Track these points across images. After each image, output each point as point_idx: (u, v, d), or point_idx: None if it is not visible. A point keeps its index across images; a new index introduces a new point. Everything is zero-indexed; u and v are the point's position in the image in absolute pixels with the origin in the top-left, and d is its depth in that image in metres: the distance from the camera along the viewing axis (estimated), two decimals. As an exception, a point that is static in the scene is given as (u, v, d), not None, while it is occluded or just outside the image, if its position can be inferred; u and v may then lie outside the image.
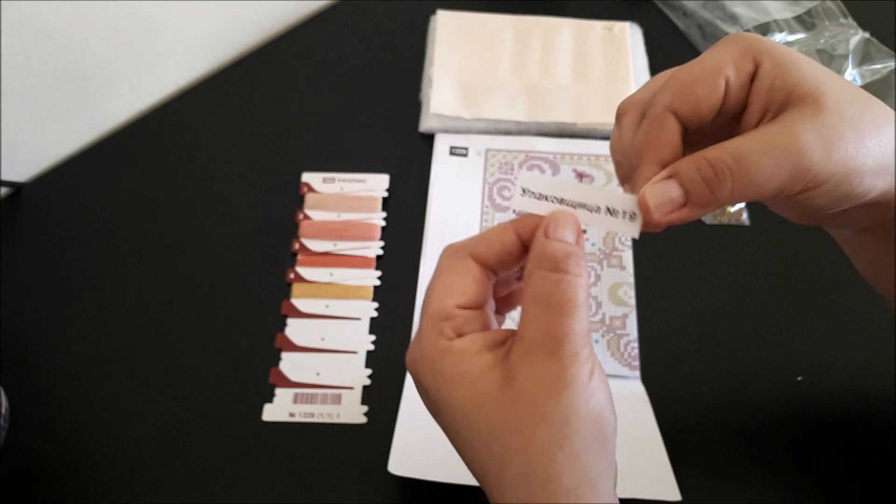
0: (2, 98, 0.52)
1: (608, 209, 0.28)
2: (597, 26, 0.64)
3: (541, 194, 0.29)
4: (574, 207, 0.29)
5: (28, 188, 0.58)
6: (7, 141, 0.55)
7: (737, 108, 0.29)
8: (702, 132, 0.29)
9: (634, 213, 0.28)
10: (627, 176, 0.31)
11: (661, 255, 0.53)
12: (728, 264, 0.52)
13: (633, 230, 0.29)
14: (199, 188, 0.57)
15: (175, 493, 0.44)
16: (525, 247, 0.29)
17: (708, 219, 0.54)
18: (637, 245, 0.53)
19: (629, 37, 0.63)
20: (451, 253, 0.29)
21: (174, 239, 0.55)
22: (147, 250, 0.54)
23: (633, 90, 0.59)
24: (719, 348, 0.49)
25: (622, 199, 0.29)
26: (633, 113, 0.31)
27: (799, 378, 0.47)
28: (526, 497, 0.25)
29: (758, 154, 0.26)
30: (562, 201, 0.29)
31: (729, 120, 0.29)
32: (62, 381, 0.49)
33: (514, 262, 0.29)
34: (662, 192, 0.28)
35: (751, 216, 0.54)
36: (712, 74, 0.28)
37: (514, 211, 0.30)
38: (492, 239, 0.29)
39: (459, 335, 0.27)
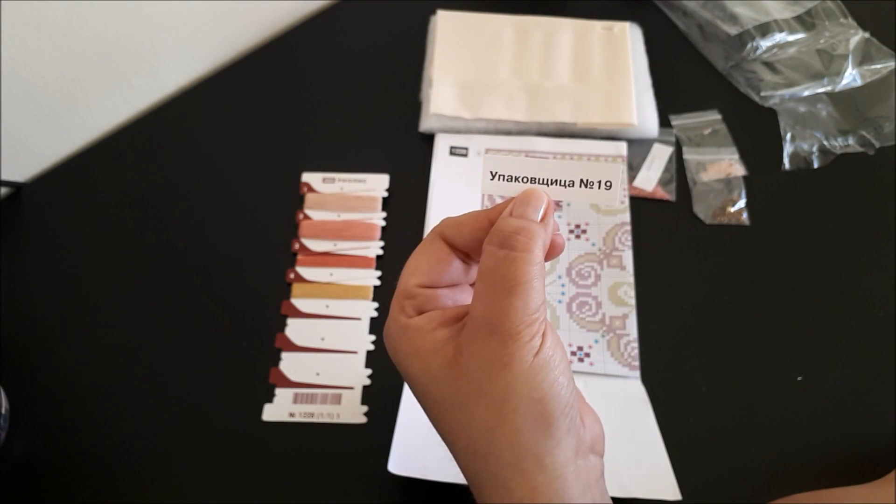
0: (2, 98, 0.52)
1: (583, 182, 0.28)
2: (597, 26, 0.64)
3: (511, 176, 0.28)
4: (547, 185, 0.28)
5: (28, 188, 0.58)
6: (7, 141, 0.55)
7: None
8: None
9: (610, 182, 0.28)
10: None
11: (661, 255, 0.53)
12: (728, 264, 0.52)
13: (611, 198, 0.28)
14: (199, 188, 0.57)
15: (175, 493, 0.44)
16: None
17: (708, 219, 0.54)
18: (637, 245, 0.53)
19: (629, 37, 0.63)
20: (430, 231, 0.30)
21: (174, 239, 0.55)
22: (147, 250, 0.54)
23: (633, 90, 0.59)
24: (719, 348, 0.49)
25: (595, 169, 0.28)
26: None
27: (799, 378, 0.47)
28: (473, 468, 0.26)
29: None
30: (533, 180, 0.28)
31: None
32: (62, 381, 0.49)
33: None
34: None
35: (751, 216, 0.54)
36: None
37: (484, 195, 0.29)
38: (463, 224, 0.29)
39: (420, 313, 0.28)
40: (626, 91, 0.59)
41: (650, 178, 0.56)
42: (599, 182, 0.28)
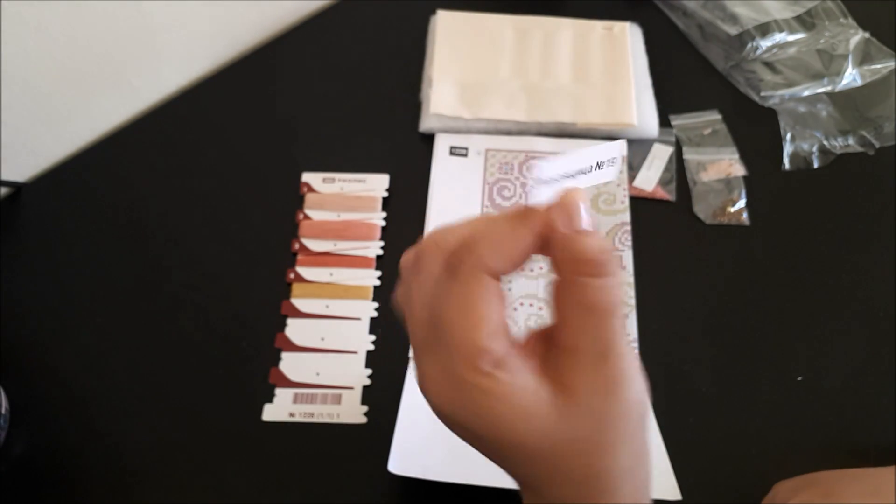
0: (2, 98, 0.52)
1: (598, 164, 0.28)
2: (597, 26, 0.64)
3: (551, 178, 0.27)
4: (574, 177, 0.27)
5: (28, 188, 0.58)
6: (7, 141, 0.55)
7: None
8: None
9: (614, 159, 0.28)
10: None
11: (661, 255, 0.53)
12: (728, 264, 0.52)
13: (614, 174, 0.28)
14: (199, 188, 0.57)
15: (175, 493, 0.44)
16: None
17: (708, 219, 0.54)
18: (637, 245, 0.53)
19: (629, 37, 0.63)
20: (461, 270, 0.25)
21: (174, 239, 0.55)
22: (147, 250, 0.54)
23: (633, 90, 0.59)
24: (719, 348, 0.49)
25: (604, 149, 0.28)
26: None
27: (799, 378, 0.47)
28: (586, 479, 0.25)
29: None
30: (567, 177, 0.28)
31: None
32: (62, 381, 0.49)
33: (530, 258, 0.26)
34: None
35: (751, 216, 0.54)
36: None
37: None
38: (505, 249, 0.25)
39: (497, 366, 0.25)
40: (625, 91, 0.59)
41: (650, 178, 0.56)
42: (608, 161, 0.28)
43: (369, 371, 0.48)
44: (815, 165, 0.57)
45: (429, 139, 0.59)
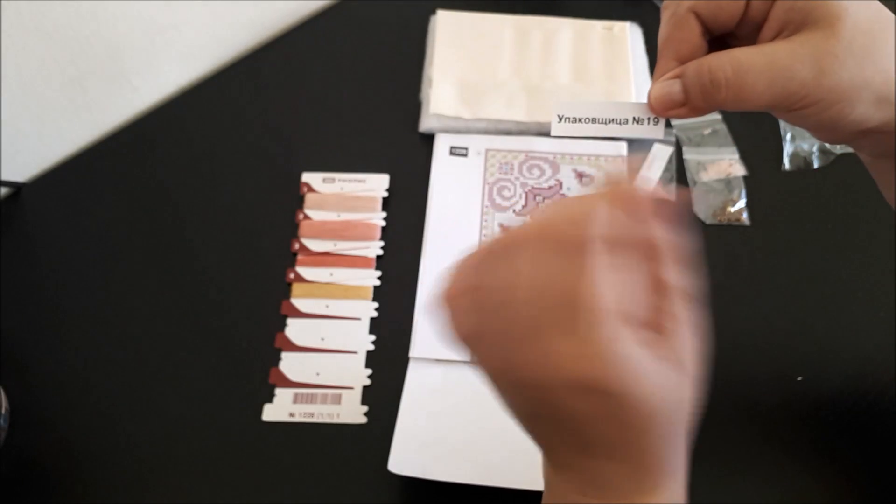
0: (2, 98, 0.52)
1: (635, 119, 0.31)
2: (597, 26, 0.64)
3: (575, 118, 0.31)
4: (605, 124, 0.31)
5: (28, 188, 0.58)
6: (7, 141, 0.55)
7: (760, 19, 0.30)
8: (730, 36, 0.31)
9: (658, 118, 0.31)
10: None
11: (661, 255, 0.53)
12: (728, 264, 0.52)
13: (658, 132, 0.32)
14: (199, 188, 0.57)
15: (175, 493, 0.44)
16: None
17: (708, 219, 0.54)
18: (637, 245, 0.53)
19: (629, 37, 0.63)
20: (588, 247, 0.25)
21: (174, 239, 0.55)
22: (147, 250, 0.54)
23: (633, 90, 0.59)
24: (719, 348, 0.49)
25: (643, 108, 0.31)
26: (672, 9, 0.32)
27: (799, 378, 0.47)
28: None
29: (756, 70, 0.28)
30: (594, 121, 0.31)
31: (753, 29, 0.31)
32: (62, 381, 0.49)
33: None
34: (665, 89, 0.30)
35: (751, 216, 0.54)
36: None
37: (553, 136, 0.32)
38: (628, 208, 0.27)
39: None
40: (625, 91, 0.59)
41: (650, 179, 0.56)
42: (648, 119, 0.31)
43: (369, 371, 0.48)
44: (815, 165, 0.57)
45: (429, 139, 0.59)
